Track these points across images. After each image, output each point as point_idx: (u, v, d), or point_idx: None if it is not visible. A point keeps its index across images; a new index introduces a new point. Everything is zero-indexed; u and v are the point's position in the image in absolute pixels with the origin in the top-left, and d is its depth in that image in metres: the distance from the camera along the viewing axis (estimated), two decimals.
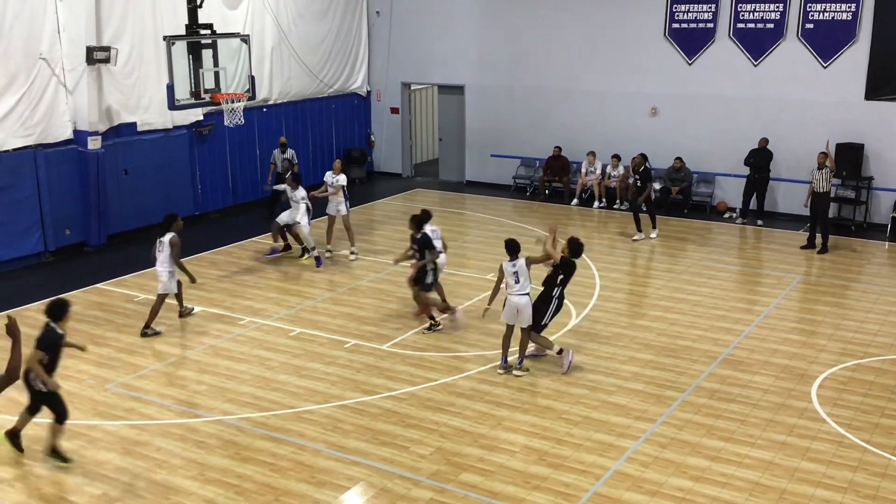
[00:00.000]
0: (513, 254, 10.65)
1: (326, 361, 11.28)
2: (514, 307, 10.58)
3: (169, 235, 12.14)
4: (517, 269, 10.57)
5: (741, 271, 15.04)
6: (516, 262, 10.61)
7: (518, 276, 10.54)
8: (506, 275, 10.61)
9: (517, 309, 10.57)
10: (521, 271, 10.57)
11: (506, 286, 10.65)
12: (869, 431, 9.32)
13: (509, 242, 10.75)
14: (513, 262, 10.63)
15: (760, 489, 8.23)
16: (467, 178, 22.30)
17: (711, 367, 11.00)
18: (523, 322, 10.66)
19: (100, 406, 10.05)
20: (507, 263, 10.64)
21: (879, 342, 11.79)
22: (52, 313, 8.70)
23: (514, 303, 10.56)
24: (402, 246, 16.58)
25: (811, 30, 17.76)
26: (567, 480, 8.40)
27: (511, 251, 10.67)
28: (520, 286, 10.53)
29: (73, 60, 15.63)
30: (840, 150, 17.25)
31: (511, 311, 10.64)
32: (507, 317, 10.71)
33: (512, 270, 10.57)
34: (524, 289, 10.56)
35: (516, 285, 10.53)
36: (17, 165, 15.07)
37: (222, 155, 19.17)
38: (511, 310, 10.63)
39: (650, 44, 19.39)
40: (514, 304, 10.57)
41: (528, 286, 10.58)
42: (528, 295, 10.59)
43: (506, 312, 10.71)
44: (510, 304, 10.61)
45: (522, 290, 10.55)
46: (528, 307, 10.59)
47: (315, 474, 8.54)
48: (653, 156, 19.40)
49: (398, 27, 22.45)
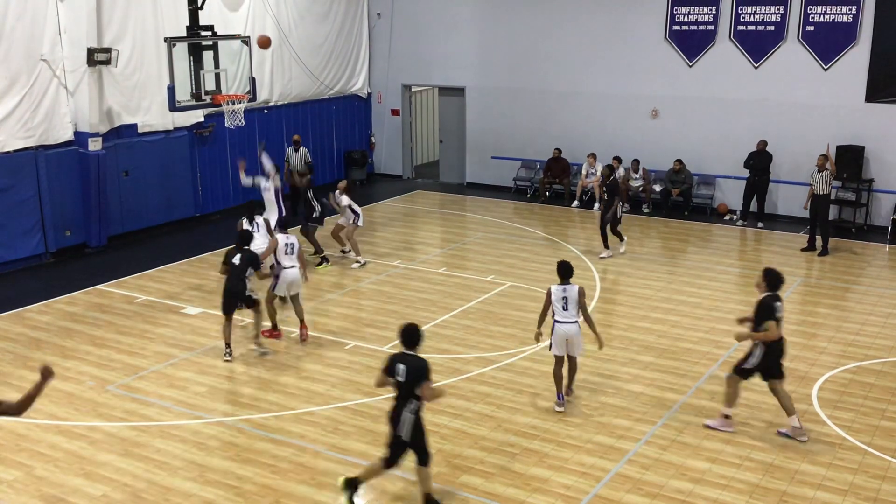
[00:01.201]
0: (565, 278, 9.63)
1: (327, 363, 11.27)
2: (563, 336, 9.56)
3: (261, 218, 13.11)
4: (567, 294, 9.55)
5: (742, 273, 15.03)
6: (567, 288, 9.58)
7: (567, 303, 9.54)
8: (553, 300, 9.59)
9: (567, 338, 9.58)
10: (571, 299, 9.54)
11: (552, 313, 9.65)
12: (869, 434, 9.31)
13: (563, 265, 9.70)
14: (563, 286, 9.61)
15: (761, 491, 8.22)
16: (468, 179, 22.31)
17: (712, 369, 11.00)
18: (574, 351, 9.74)
19: (100, 407, 10.05)
20: (557, 287, 9.61)
21: (880, 344, 11.79)
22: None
23: (563, 331, 9.55)
24: (403, 246, 16.63)
25: (812, 32, 17.77)
26: (567, 482, 8.39)
27: (563, 275, 9.64)
28: (568, 313, 9.54)
29: (74, 62, 15.65)
30: (840, 152, 17.26)
31: (560, 341, 9.61)
32: (557, 347, 9.66)
33: (561, 296, 9.56)
34: (573, 316, 9.56)
35: (564, 312, 9.53)
36: (18, 167, 15.07)
37: (223, 157, 19.18)
38: (560, 339, 9.60)
39: (651, 46, 19.40)
40: (562, 332, 9.56)
41: (576, 314, 9.58)
42: (577, 323, 9.58)
43: (554, 342, 9.65)
44: (558, 333, 9.58)
45: (571, 317, 9.55)
46: (579, 335, 9.63)
47: (315, 476, 8.54)
48: (653, 158, 19.47)
49: (399, 29, 22.47)
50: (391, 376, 7.55)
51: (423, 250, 16.53)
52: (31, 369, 11.08)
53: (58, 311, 13.29)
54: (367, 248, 16.41)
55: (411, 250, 16.49)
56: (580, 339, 9.71)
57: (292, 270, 11.70)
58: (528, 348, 11.60)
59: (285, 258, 11.66)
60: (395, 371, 7.50)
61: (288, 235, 11.96)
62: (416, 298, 13.67)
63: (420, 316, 12.83)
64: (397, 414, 7.55)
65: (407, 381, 7.44)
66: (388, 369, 7.57)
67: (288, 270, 11.68)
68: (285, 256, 11.65)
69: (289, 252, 11.67)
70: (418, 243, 17.05)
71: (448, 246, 16.83)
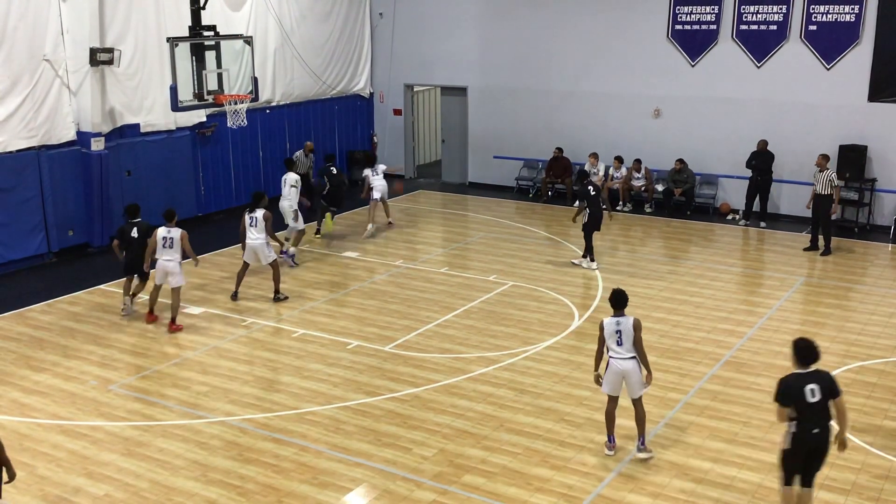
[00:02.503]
0: (618, 308, 8.63)
1: (329, 363, 11.28)
2: (619, 374, 8.57)
3: (261, 211, 13.24)
4: (621, 328, 8.54)
5: (744, 273, 15.02)
6: (621, 320, 8.57)
7: (621, 338, 8.53)
8: (606, 334, 8.61)
9: (622, 376, 8.59)
10: (627, 333, 8.52)
11: (607, 349, 8.68)
12: (872, 434, 9.30)
13: (615, 295, 8.69)
14: (617, 318, 8.61)
15: (763, 491, 8.22)
16: (470, 179, 22.30)
17: (714, 368, 10.99)
18: (634, 392, 8.67)
19: (103, 407, 10.07)
20: (609, 320, 8.61)
21: (882, 344, 11.78)
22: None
23: (617, 368, 8.55)
24: (405, 246, 16.64)
25: (814, 31, 17.75)
26: (570, 482, 8.39)
27: (616, 305, 8.64)
28: (623, 348, 8.54)
29: (76, 62, 15.66)
30: (843, 152, 17.25)
31: (615, 379, 8.62)
32: (611, 387, 8.69)
33: (614, 329, 8.55)
34: (629, 351, 8.55)
35: (619, 347, 8.53)
36: (21, 167, 15.09)
37: (225, 156, 19.18)
38: (615, 377, 8.61)
39: (653, 45, 19.38)
40: (617, 370, 8.56)
41: (634, 350, 8.59)
42: (635, 359, 8.57)
43: (607, 380, 8.71)
44: (613, 370, 8.59)
45: (627, 353, 8.55)
46: (637, 373, 8.56)
47: (318, 475, 8.55)
48: (655, 157, 19.46)
49: (401, 29, 22.46)
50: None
51: (426, 250, 16.53)
52: (34, 369, 11.11)
53: (60, 310, 13.31)
54: (368, 247, 16.44)
55: (413, 250, 16.49)
56: (638, 379, 8.59)
57: (166, 263, 12.34)
58: (531, 348, 11.60)
59: (163, 251, 12.36)
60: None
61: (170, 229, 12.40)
62: (419, 298, 13.67)
63: (422, 316, 12.85)
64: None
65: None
66: None
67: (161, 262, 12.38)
68: (163, 250, 12.36)
69: (166, 246, 12.34)
70: (420, 243, 17.05)
71: (450, 245, 16.83)
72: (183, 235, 12.39)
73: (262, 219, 13.20)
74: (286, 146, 20.57)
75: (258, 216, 13.24)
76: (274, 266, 13.47)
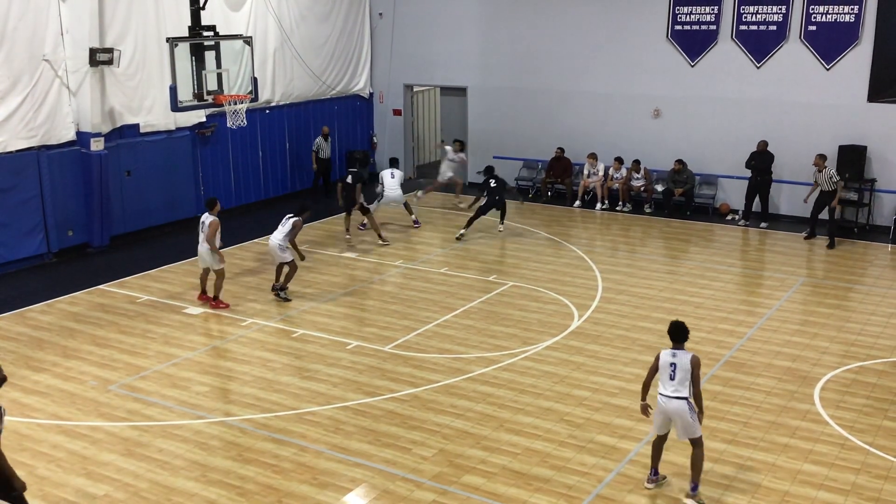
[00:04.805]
0: (676, 341, 8.04)
1: (329, 363, 11.28)
2: (665, 413, 8.03)
3: (294, 218, 13.49)
4: (676, 361, 7.94)
5: (744, 273, 15.03)
6: (677, 353, 7.97)
7: (675, 372, 7.92)
8: (660, 365, 8.06)
9: (668, 417, 8.05)
10: (682, 368, 7.90)
11: (658, 382, 8.14)
12: (872, 434, 9.30)
13: (673, 327, 8.08)
14: (674, 351, 8.02)
15: (763, 491, 8.22)
16: (469, 179, 22.29)
17: (714, 369, 10.99)
18: (683, 434, 8.02)
19: (102, 407, 10.06)
20: (666, 352, 8.05)
21: (882, 344, 11.78)
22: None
23: (662, 408, 8.01)
24: (404, 246, 16.63)
25: (814, 32, 17.75)
26: (570, 482, 8.39)
27: (674, 337, 8.05)
28: (673, 385, 7.93)
29: (76, 62, 15.66)
30: (843, 152, 17.26)
31: (662, 419, 8.10)
32: (657, 426, 8.18)
33: (669, 361, 7.97)
34: (680, 391, 7.90)
35: (670, 382, 7.94)
36: (21, 167, 15.08)
37: (225, 157, 19.17)
38: (662, 417, 8.09)
39: (653, 46, 19.38)
40: (664, 409, 8.00)
41: (686, 389, 7.92)
42: (686, 400, 7.91)
43: (656, 418, 8.18)
44: (659, 410, 8.08)
45: (678, 391, 7.90)
46: (686, 415, 7.90)
47: (317, 476, 8.55)
48: (655, 157, 19.46)
49: (401, 29, 22.46)
50: None
51: (425, 250, 16.53)
52: (34, 369, 11.10)
53: (60, 310, 13.31)
54: (369, 247, 16.43)
55: (413, 250, 16.49)
56: (691, 420, 7.94)
57: (200, 248, 13.03)
58: (530, 348, 11.60)
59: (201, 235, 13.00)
60: None
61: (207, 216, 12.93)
62: (418, 298, 13.67)
63: (422, 316, 12.85)
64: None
65: None
66: None
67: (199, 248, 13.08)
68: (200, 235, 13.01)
69: (202, 230, 12.93)
70: (420, 243, 17.05)
71: (449, 246, 16.83)
72: (212, 223, 12.81)
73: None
74: (286, 146, 20.57)
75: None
76: (291, 265, 13.54)
